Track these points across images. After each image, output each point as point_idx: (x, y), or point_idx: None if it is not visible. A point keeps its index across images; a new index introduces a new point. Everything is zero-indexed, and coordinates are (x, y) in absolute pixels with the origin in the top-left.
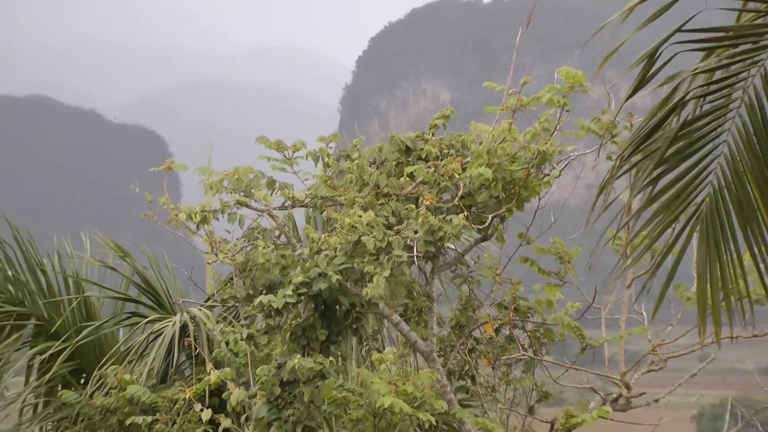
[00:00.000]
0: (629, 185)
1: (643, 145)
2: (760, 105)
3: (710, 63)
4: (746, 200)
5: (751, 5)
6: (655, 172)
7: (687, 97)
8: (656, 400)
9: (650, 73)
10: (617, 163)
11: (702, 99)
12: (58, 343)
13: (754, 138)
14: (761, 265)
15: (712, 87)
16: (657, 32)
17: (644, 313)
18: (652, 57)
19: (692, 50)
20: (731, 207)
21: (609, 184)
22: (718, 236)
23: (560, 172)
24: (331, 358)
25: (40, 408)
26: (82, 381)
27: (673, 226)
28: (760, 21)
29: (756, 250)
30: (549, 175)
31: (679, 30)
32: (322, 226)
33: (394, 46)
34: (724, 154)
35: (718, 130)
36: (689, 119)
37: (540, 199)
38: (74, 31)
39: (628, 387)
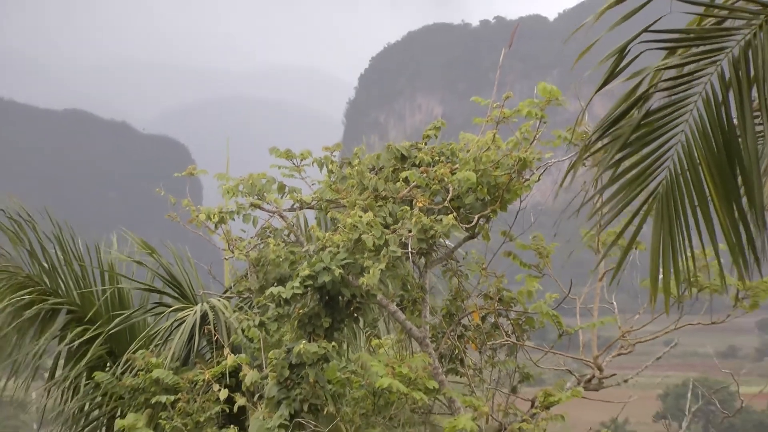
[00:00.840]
0: (597, 173)
1: (610, 131)
2: (715, 100)
3: (673, 61)
4: (699, 185)
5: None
6: (619, 155)
7: (650, 90)
8: (625, 381)
9: (619, 67)
10: (587, 143)
11: (664, 92)
12: (93, 328)
13: (709, 130)
14: (710, 249)
15: (674, 82)
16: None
17: (614, 303)
18: (621, 52)
19: (657, 49)
20: (685, 190)
21: (578, 163)
22: (672, 216)
23: (539, 176)
24: (333, 343)
25: (72, 389)
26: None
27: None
28: (718, 26)
29: (706, 230)
30: (529, 179)
31: (646, 30)
32: (326, 225)
33: (392, 65)
34: (681, 142)
35: (677, 120)
36: (651, 110)
37: (521, 201)
38: (108, 51)
39: (600, 369)
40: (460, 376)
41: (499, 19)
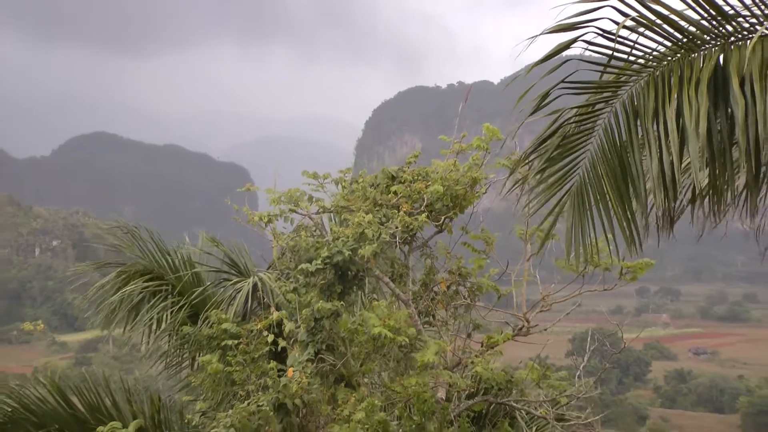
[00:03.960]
0: (528, 185)
1: (539, 148)
2: (611, 129)
3: (582, 101)
4: (599, 187)
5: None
6: (544, 165)
7: (566, 123)
8: (545, 329)
9: (542, 105)
10: (522, 157)
11: (577, 124)
12: (182, 299)
13: (607, 150)
14: (609, 235)
15: (582, 117)
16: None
17: (537, 276)
18: (545, 97)
19: (571, 93)
20: (590, 192)
21: (518, 165)
22: (580, 212)
23: (485, 189)
24: (343, 303)
25: (170, 338)
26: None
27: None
28: (614, 80)
29: (605, 219)
30: (478, 192)
31: (562, 81)
32: (340, 223)
33: (387, 114)
34: (588, 158)
35: (585, 143)
36: (568, 134)
37: (474, 207)
38: (193, 102)
39: (528, 321)
40: (432, 327)
41: (460, 83)
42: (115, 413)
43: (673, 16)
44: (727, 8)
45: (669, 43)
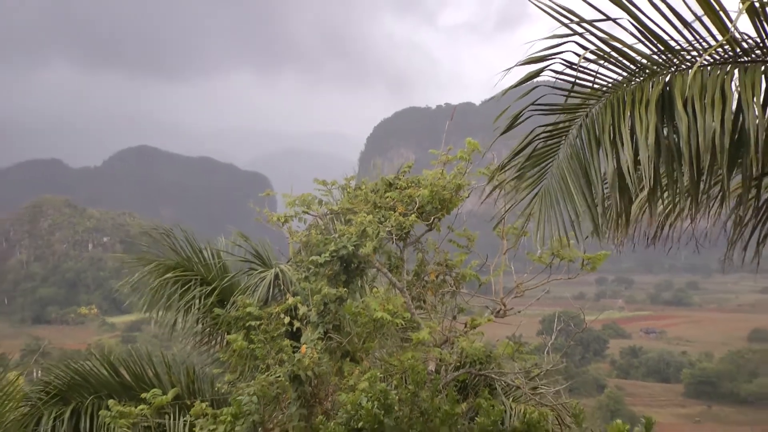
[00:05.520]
0: (507, 185)
1: (513, 160)
2: (574, 143)
3: (550, 120)
4: (566, 190)
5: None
6: (517, 174)
7: (536, 139)
8: (519, 312)
9: (516, 124)
10: (499, 167)
11: (544, 140)
12: (211, 288)
13: (570, 161)
14: (575, 231)
15: (550, 133)
16: (522, 102)
17: (512, 267)
18: (516, 117)
19: (540, 114)
20: (558, 195)
21: (496, 172)
22: (548, 208)
23: (468, 194)
24: (347, 290)
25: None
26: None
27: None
28: (576, 104)
29: (572, 217)
30: (462, 196)
31: (532, 104)
32: (344, 223)
33: (385, 130)
34: (555, 167)
35: (552, 155)
36: (536, 149)
37: (458, 209)
38: (220, 119)
39: (504, 305)
40: (423, 310)
41: (447, 104)
42: (156, 382)
43: (626, 50)
44: (672, 43)
45: (624, 72)
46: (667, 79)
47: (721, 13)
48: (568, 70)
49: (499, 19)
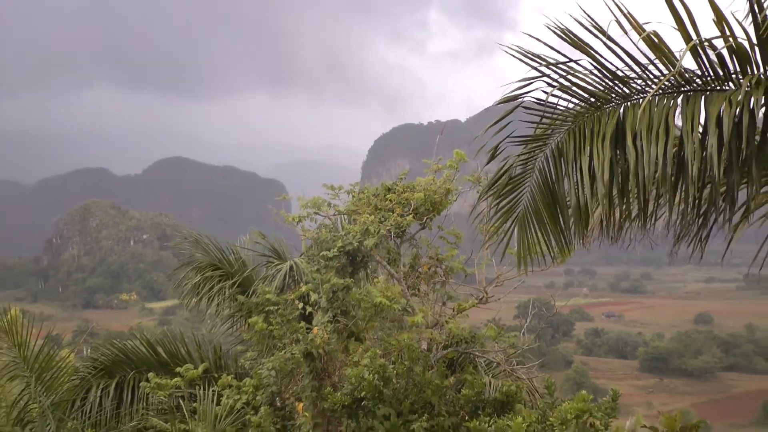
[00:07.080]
0: (488, 206)
1: (493, 186)
2: (544, 170)
3: (524, 150)
4: (537, 211)
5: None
6: (499, 197)
7: (513, 166)
8: (499, 299)
9: (495, 154)
10: (482, 193)
11: (520, 166)
12: (234, 279)
13: (542, 184)
14: (545, 240)
15: (525, 161)
16: (502, 133)
17: (494, 261)
18: (496, 149)
19: (515, 144)
20: (533, 215)
21: (482, 196)
22: (526, 226)
23: (456, 198)
24: (352, 280)
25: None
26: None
27: (507, 223)
28: (545, 133)
29: (542, 233)
30: (451, 199)
31: (508, 136)
32: (350, 223)
33: (384, 143)
34: (529, 191)
35: (527, 180)
36: (514, 175)
37: (447, 210)
38: (242, 133)
39: (486, 293)
40: (417, 297)
41: (437, 121)
42: (188, 359)
43: (583, 83)
44: (622, 74)
45: (584, 103)
46: (621, 110)
47: (665, 51)
48: (537, 105)
49: (479, 47)
